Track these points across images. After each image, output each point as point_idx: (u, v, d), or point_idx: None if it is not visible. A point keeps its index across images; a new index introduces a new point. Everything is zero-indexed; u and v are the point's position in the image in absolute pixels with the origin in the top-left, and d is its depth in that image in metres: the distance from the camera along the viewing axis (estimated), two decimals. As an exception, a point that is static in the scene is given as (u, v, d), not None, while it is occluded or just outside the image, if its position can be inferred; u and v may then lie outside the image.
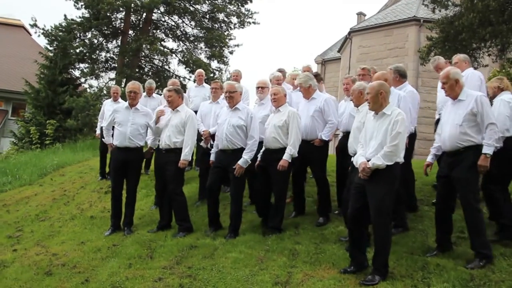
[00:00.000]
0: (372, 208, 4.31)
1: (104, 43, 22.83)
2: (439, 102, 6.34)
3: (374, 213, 4.30)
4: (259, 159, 6.10)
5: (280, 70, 7.99)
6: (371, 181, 4.34)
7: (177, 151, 6.15)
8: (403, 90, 5.94)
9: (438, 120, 6.05)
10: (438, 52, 12.07)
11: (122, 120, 6.52)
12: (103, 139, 7.75)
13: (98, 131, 9.91)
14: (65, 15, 20.55)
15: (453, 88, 4.70)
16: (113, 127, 6.72)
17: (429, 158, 5.15)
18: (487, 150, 4.49)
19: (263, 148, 6.07)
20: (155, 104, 8.53)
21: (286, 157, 5.69)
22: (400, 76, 6.11)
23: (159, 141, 6.51)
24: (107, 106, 9.36)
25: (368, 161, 4.38)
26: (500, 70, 12.01)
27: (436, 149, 5.10)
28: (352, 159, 5.00)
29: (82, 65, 22.07)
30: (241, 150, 5.91)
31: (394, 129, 4.32)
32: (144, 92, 8.79)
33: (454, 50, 11.59)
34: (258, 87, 6.75)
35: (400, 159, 4.37)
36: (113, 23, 22.39)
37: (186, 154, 6.11)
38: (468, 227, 4.62)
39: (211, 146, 6.59)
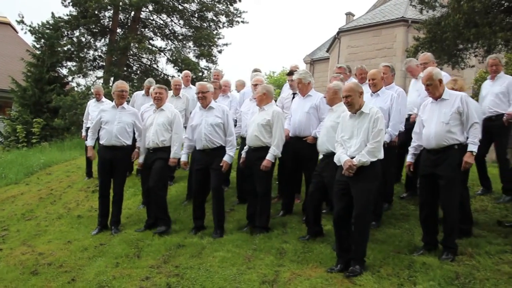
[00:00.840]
0: (357, 204, 4.45)
1: (92, 42, 22.65)
2: (409, 103, 6.42)
3: (359, 208, 4.44)
4: (243, 157, 6.12)
5: (256, 70, 8.02)
6: (356, 178, 4.47)
7: (165, 149, 6.17)
8: (394, 90, 6.04)
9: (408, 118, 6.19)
10: (425, 52, 12.16)
11: (109, 119, 6.49)
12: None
13: (84, 133, 9.80)
14: (52, 13, 20.37)
15: (437, 88, 4.79)
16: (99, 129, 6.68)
17: (409, 158, 5.23)
18: (473, 148, 4.61)
19: (246, 147, 6.10)
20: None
21: (269, 157, 5.69)
22: (393, 74, 6.24)
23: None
24: (91, 106, 9.33)
25: (352, 158, 4.49)
26: (486, 71, 12.12)
27: (414, 148, 5.16)
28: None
29: (69, 64, 21.90)
30: (220, 148, 5.97)
31: (375, 126, 4.50)
32: (143, 91, 8.85)
33: (440, 50, 11.73)
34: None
35: (381, 155, 4.52)
36: (101, 21, 22.23)
37: (176, 152, 6.16)
38: (446, 224, 4.68)
39: None
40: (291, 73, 7.18)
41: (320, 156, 5.51)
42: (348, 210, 4.55)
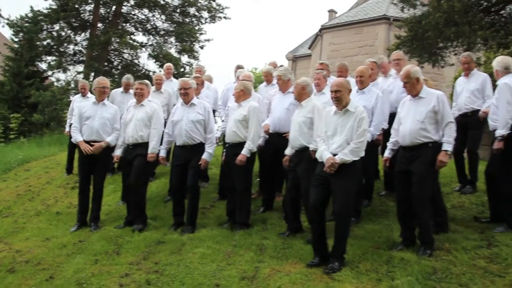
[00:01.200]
0: (338, 201, 4.48)
1: (72, 36, 22.39)
2: None
3: (340, 205, 4.47)
4: (223, 154, 6.12)
5: (239, 66, 8.01)
6: (337, 175, 4.48)
7: (145, 145, 6.14)
8: (379, 88, 6.09)
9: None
10: (406, 50, 12.30)
11: (90, 115, 6.44)
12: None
13: (67, 128, 9.60)
14: (31, 6, 20.09)
15: (415, 86, 4.82)
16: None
17: (387, 153, 5.26)
18: (448, 147, 4.65)
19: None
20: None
21: (244, 152, 5.71)
22: (378, 71, 6.32)
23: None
24: (76, 102, 9.12)
25: (334, 155, 4.51)
26: (465, 69, 12.29)
27: (392, 143, 5.20)
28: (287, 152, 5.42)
29: (49, 58, 21.64)
30: (200, 145, 5.97)
31: (360, 126, 4.53)
32: (121, 88, 8.64)
33: (421, 48, 11.86)
34: (278, 80, 6.36)
35: (363, 154, 4.59)
36: (82, 15, 21.99)
37: (154, 147, 6.11)
38: (419, 220, 4.75)
39: None
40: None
41: (292, 151, 5.52)
42: (324, 204, 4.63)
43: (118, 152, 6.40)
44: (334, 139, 4.65)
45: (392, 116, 5.46)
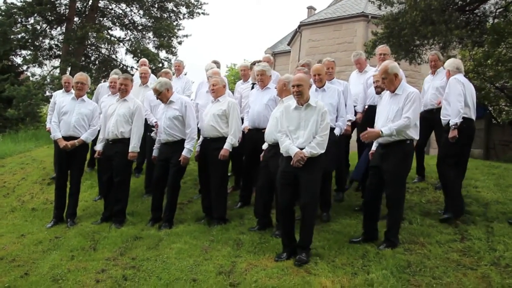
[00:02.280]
0: (305, 193, 4.57)
1: (48, 30, 21.93)
2: (354, 95, 6.64)
3: (307, 197, 4.56)
4: (197, 149, 6.13)
5: (215, 62, 8.02)
6: (304, 169, 4.57)
7: (125, 141, 6.09)
8: (340, 84, 6.25)
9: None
10: (383, 47, 12.41)
11: (67, 110, 6.39)
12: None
13: (48, 125, 9.32)
14: (4, -1, 19.64)
15: (393, 82, 4.88)
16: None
17: (374, 147, 5.34)
18: (385, 130, 4.71)
19: (201, 138, 6.11)
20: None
21: (227, 146, 5.77)
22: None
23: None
24: (58, 97, 8.86)
25: (301, 149, 4.59)
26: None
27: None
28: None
29: (24, 52, 21.16)
30: (181, 141, 5.97)
31: (323, 120, 4.66)
32: (107, 82, 8.40)
33: (398, 45, 11.98)
34: (258, 75, 6.35)
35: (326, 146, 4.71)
36: (57, 9, 21.56)
37: (135, 146, 6.08)
38: (389, 217, 4.85)
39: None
40: (254, 64, 7.19)
41: (265, 146, 5.56)
42: (293, 202, 4.73)
43: (99, 147, 6.32)
44: (297, 134, 4.72)
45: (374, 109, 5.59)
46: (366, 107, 6.67)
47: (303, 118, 4.71)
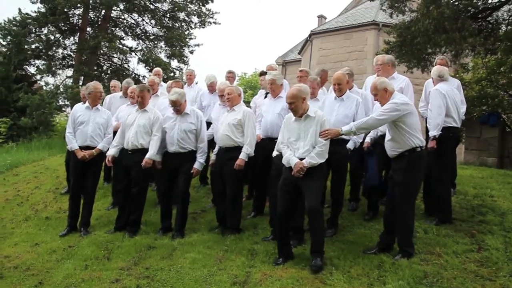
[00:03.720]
0: (309, 198, 4.63)
1: (61, 40, 22.23)
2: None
3: (312, 201, 4.61)
4: (212, 158, 6.12)
5: (230, 72, 8.09)
6: (306, 178, 4.67)
7: (144, 151, 6.04)
8: (359, 94, 6.14)
9: None
10: (395, 55, 12.38)
11: (83, 120, 6.42)
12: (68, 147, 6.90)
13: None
14: (19, 9, 19.94)
15: (384, 97, 4.85)
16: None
17: (367, 139, 5.54)
18: (345, 127, 4.79)
19: (216, 148, 6.10)
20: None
21: (242, 156, 5.74)
22: (352, 79, 6.33)
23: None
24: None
25: (301, 159, 4.70)
26: (454, 75, 12.41)
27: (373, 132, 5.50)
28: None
29: (37, 62, 21.47)
30: (192, 152, 5.99)
31: (323, 129, 4.72)
32: (120, 92, 8.42)
33: (410, 54, 11.94)
34: (268, 84, 6.31)
35: (327, 155, 4.79)
36: (71, 19, 21.86)
37: (152, 154, 6.01)
38: (397, 227, 4.82)
39: None
40: (263, 73, 7.19)
41: (275, 153, 5.51)
42: (292, 208, 4.84)
43: (112, 152, 6.27)
44: (298, 145, 4.82)
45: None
46: None
47: (302, 129, 4.81)
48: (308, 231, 4.86)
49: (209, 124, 6.76)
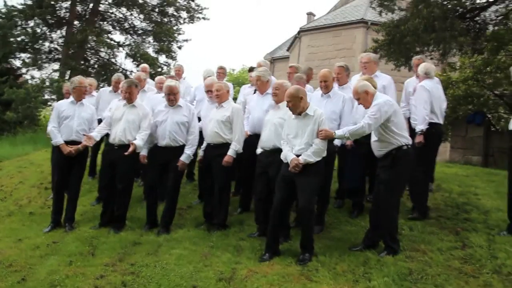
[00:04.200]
0: (303, 196, 4.75)
1: (48, 33, 21.97)
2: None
3: (304, 200, 4.73)
4: (200, 155, 6.08)
5: (221, 67, 8.09)
6: (302, 175, 4.75)
7: (129, 147, 5.94)
8: (346, 90, 6.09)
9: None
10: (384, 54, 12.43)
11: (68, 114, 6.32)
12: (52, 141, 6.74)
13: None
14: (5, 1, 19.76)
15: (366, 99, 4.88)
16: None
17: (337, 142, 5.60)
18: (339, 132, 4.90)
19: (205, 144, 6.08)
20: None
21: (231, 152, 5.71)
22: (347, 73, 6.32)
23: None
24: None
25: (297, 156, 4.77)
26: (441, 73, 12.50)
27: None
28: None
29: (23, 55, 21.16)
30: (182, 146, 5.95)
31: (321, 127, 4.78)
32: (109, 87, 8.26)
33: (398, 53, 11.98)
34: (257, 80, 6.29)
35: (325, 154, 4.86)
36: (58, 12, 21.61)
37: (139, 144, 5.93)
38: (382, 224, 4.85)
39: None
40: (251, 69, 7.17)
41: (259, 150, 5.56)
42: (287, 203, 4.97)
43: (96, 137, 6.16)
44: (295, 142, 4.90)
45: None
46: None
47: (301, 126, 4.89)
48: (296, 228, 4.93)
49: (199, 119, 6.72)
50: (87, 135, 6.10)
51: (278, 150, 5.21)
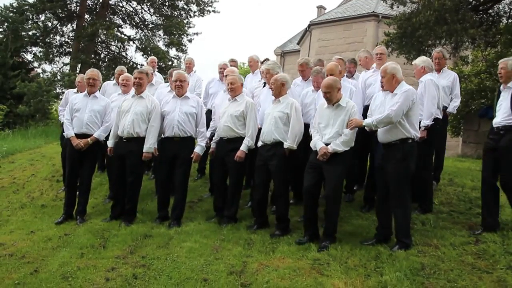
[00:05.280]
0: (329, 185, 4.94)
1: (59, 27, 22.04)
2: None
3: (331, 189, 4.92)
4: (213, 147, 6.10)
5: (232, 60, 8.08)
6: (329, 163, 4.91)
7: (140, 140, 5.97)
8: (353, 84, 6.12)
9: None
10: (396, 47, 12.32)
11: (80, 107, 6.35)
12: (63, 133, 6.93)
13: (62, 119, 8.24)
14: (16, -5, 19.75)
15: (390, 83, 4.87)
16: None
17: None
18: (367, 120, 4.93)
19: (216, 137, 6.06)
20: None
21: (243, 148, 5.69)
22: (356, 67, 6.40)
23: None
24: (71, 95, 8.65)
25: (326, 145, 4.92)
26: (453, 67, 12.38)
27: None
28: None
29: (35, 49, 21.26)
30: (189, 138, 5.96)
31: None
32: (113, 80, 8.27)
33: (410, 46, 11.87)
34: (264, 73, 6.32)
35: (353, 144, 5.00)
36: (68, 6, 21.65)
37: (150, 146, 5.95)
38: (395, 218, 4.83)
39: None
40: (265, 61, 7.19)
41: (260, 143, 5.62)
42: (317, 187, 5.08)
43: (111, 144, 6.19)
44: (326, 131, 5.04)
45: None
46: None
47: (332, 116, 5.03)
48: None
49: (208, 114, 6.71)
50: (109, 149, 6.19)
51: (279, 143, 5.36)
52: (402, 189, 4.77)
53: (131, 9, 23.53)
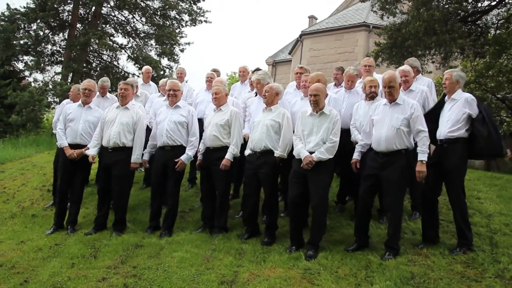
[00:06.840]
0: (315, 194, 4.94)
1: (51, 36, 21.97)
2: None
3: (317, 197, 4.93)
4: (199, 158, 6.10)
5: (214, 70, 8.06)
6: (313, 171, 4.94)
7: (125, 150, 5.99)
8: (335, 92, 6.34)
9: None
10: (386, 57, 12.45)
11: (74, 117, 6.36)
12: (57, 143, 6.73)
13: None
14: (7, 4, 19.68)
15: (398, 91, 4.99)
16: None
17: (356, 155, 5.43)
18: (423, 157, 4.76)
19: (203, 147, 6.05)
20: (108, 105, 7.21)
21: (228, 156, 5.71)
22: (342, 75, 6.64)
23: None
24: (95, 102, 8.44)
25: (311, 153, 4.94)
26: (443, 77, 12.50)
27: (361, 146, 5.40)
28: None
29: (26, 58, 21.16)
30: (180, 147, 5.95)
31: (334, 127, 4.97)
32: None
33: (400, 56, 12.00)
34: (257, 84, 6.28)
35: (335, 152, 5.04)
36: (60, 15, 21.59)
37: (137, 157, 6.00)
38: (390, 226, 4.89)
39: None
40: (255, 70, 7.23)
41: (248, 152, 5.64)
42: (302, 198, 5.08)
43: (93, 152, 6.14)
44: (310, 138, 5.08)
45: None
46: None
47: (316, 124, 5.07)
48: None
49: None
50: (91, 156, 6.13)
51: (270, 152, 5.39)
52: (401, 198, 4.88)
53: (123, 18, 23.53)
